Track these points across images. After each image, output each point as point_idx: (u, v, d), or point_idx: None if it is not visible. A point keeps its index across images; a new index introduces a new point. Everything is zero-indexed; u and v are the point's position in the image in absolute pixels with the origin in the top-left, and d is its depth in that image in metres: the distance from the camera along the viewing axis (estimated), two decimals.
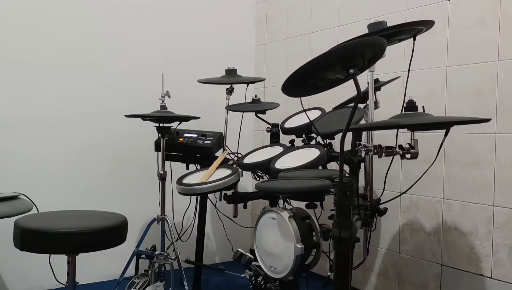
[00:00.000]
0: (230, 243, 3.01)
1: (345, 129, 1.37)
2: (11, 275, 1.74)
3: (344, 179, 1.35)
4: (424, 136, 2.04)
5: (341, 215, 1.36)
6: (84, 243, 1.56)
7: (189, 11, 3.09)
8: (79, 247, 1.59)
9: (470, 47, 2.11)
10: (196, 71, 2.86)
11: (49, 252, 1.63)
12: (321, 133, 2.18)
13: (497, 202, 2.01)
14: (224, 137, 2.64)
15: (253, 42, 3.43)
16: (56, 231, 1.51)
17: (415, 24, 1.74)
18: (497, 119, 2.00)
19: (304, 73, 1.48)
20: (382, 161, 1.82)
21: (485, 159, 2.05)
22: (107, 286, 2.49)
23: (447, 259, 2.19)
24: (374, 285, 2.53)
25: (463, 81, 2.13)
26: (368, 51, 1.45)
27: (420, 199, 2.30)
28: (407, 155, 1.68)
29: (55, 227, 1.55)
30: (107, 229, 1.59)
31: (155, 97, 2.47)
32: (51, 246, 1.55)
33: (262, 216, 1.91)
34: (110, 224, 1.61)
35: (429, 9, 2.26)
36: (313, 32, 2.94)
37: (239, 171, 2.23)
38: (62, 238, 1.52)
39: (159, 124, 2.44)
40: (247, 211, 2.71)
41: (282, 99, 2.37)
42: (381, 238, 2.49)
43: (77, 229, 1.55)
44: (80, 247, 1.58)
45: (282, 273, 1.79)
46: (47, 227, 1.55)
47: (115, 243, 1.64)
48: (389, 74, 2.20)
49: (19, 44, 2.53)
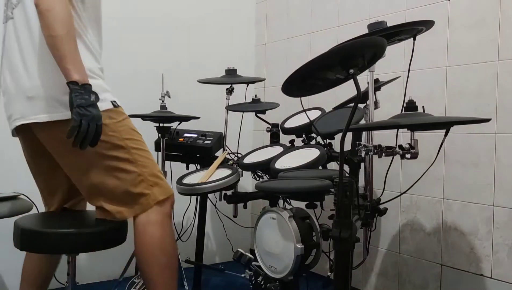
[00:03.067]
0: (230, 243, 3.01)
1: (345, 129, 1.37)
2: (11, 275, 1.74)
3: (344, 179, 1.35)
4: (424, 136, 2.04)
5: (341, 215, 1.36)
6: (84, 243, 1.56)
7: (189, 11, 3.09)
8: (79, 247, 1.59)
9: (470, 47, 2.11)
10: (196, 71, 2.86)
11: (49, 252, 1.62)
12: (321, 133, 2.18)
13: (497, 202, 2.01)
14: (224, 137, 2.64)
15: (253, 42, 3.43)
16: (56, 231, 1.51)
17: (415, 24, 1.74)
18: (497, 119, 2.00)
19: (304, 73, 1.48)
20: (382, 161, 1.82)
21: (485, 159, 2.05)
22: (107, 286, 2.49)
23: (447, 259, 2.19)
24: (374, 285, 2.53)
25: (463, 81, 2.13)
26: (368, 51, 1.46)
27: (420, 199, 2.30)
28: (407, 155, 1.69)
29: (55, 227, 1.55)
30: (107, 229, 1.59)
31: (155, 97, 2.47)
32: (51, 246, 1.55)
33: (262, 216, 1.91)
34: (110, 224, 1.61)
35: (429, 9, 2.27)
36: (313, 32, 2.94)
37: (239, 171, 2.23)
38: (62, 238, 1.52)
39: (159, 124, 2.45)
40: (247, 211, 2.71)
41: (282, 99, 2.37)
42: (381, 238, 2.49)
43: (77, 229, 1.55)
44: (80, 247, 1.58)
45: (282, 273, 1.79)
46: (47, 227, 1.55)
47: (115, 243, 1.64)
48: (389, 74, 2.20)
49: None
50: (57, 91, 1.49)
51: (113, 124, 1.56)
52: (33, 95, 1.52)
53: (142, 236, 1.62)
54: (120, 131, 1.57)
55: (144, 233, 1.62)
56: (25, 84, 1.54)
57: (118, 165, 1.57)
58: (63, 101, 1.47)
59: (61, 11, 1.43)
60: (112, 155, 1.56)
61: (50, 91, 1.51)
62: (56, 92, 1.49)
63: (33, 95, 1.52)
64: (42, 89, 1.51)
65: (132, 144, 1.60)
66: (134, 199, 1.61)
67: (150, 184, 1.62)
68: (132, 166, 1.59)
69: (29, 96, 1.52)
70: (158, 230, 1.62)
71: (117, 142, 1.57)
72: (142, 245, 1.63)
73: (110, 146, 1.55)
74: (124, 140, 1.58)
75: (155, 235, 1.62)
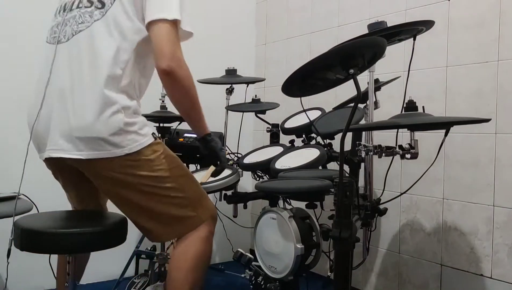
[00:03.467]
0: (230, 243, 3.00)
1: (345, 129, 1.37)
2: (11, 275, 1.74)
3: (344, 179, 1.35)
4: (424, 136, 2.04)
5: (341, 215, 1.36)
6: (84, 243, 1.55)
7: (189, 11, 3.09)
8: (79, 247, 1.58)
9: (470, 47, 2.11)
10: (196, 71, 2.84)
11: (49, 252, 1.62)
12: (321, 133, 2.18)
13: (497, 202, 2.01)
14: (224, 137, 2.63)
15: (253, 42, 3.43)
16: (56, 231, 1.51)
17: (415, 24, 1.74)
18: (497, 119, 2.00)
19: (304, 73, 1.48)
20: (382, 161, 1.82)
21: (485, 159, 2.05)
22: (107, 286, 2.49)
23: (447, 259, 2.19)
24: (374, 285, 2.53)
25: (463, 81, 2.13)
26: (368, 51, 1.46)
27: (420, 199, 2.30)
28: (407, 155, 1.69)
29: (55, 227, 1.55)
30: (107, 229, 1.59)
31: (155, 97, 2.47)
32: (51, 246, 1.55)
33: (262, 216, 1.91)
34: (110, 224, 1.61)
35: (429, 9, 2.27)
36: (313, 32, 2.94)
37: (239, 171, 2.23)
38: (62, 238, 1.51)
39: (159, 124, 2.44)
40: (247, 211, 2.71)
41: (282, 99, 2.37)
42: (381, 238, 2.49)
43: (77, 229, 1.55)
44: (80, 247, 1.58)
45: (282, 273, 1.79)
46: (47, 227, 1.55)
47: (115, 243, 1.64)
48: (389, 74, 2.20)
49: (23, 45, 2.53)
50: (105, 133, 1.48)
51: (157, 158, 1.58)
52: (79, 136, 1.49)
53: (186, 248, 1.65)
54: (164, 162, 1.60)
55: (190, 246, 1.65)
56: (71, 122, 1.50)
57: (167, 193, 1.61)
58: (109, 141, 1.48)
59: (191, 76, 1.57)
60: (161, 186, 1.59)
61: (98, 133, 1.48)
62: (104, 134, 1.48)
63: (79, 135, 1.49)
64: (89, 131, 1.48)
65: (177, 172, 1.63)
66: (181, 222, 1.65)
67: (195, 206, 1.66)
68: (180, 192, 1.63)
69: (76, 136, 1.50)
70: (202, 245, 1.66)
71: (164, 174, 1.59)
72: (184, 255, 1.65)
73: (159, 179, 1.59)
74: (169, 170, 1.60)
75: (199, 249, 1.65)
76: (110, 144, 1.48)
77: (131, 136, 1.51)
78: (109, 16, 1.52)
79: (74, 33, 1.55)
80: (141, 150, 1.52)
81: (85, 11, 1.56)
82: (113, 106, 1.48)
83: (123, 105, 1.50)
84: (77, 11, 1.58)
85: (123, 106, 1.49)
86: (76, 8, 1.59)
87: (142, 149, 1.53)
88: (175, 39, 1.51)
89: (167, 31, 1.50)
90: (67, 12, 1.60)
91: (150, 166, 1.54)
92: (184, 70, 1.54)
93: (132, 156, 1.51)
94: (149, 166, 1.55)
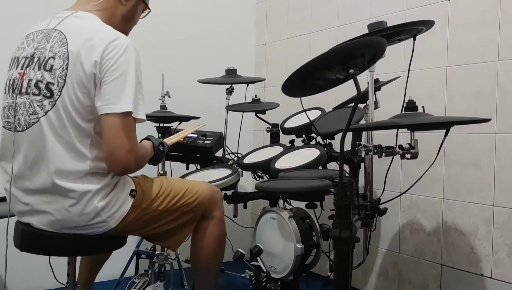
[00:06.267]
0: (230, 243, 2.99)
1: (345, 129, 1.37)
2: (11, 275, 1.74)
3: (344, 179, 1.35)
4: (424, 136, 2.03)
5: (341, 215, 1.36)
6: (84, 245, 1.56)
7: (189, 11, 3.09)
8: (79, 249, 1.59)
9: (470, 47, 2.11)
10: (196, 71, 2.85)
11: (49, 253, 1.62)
12: (321, 133, 2.18)
13: (497, 202, 2.01)
14: (224, 137, 2.63)
15: (253, 42, 3.43)
16: (56, 233, 1.51)
17: (415, 24, 1.74)
18: (497, 119, 2.00)
19: (304, 73, 1.48)
20: (382, 161, 1.82)
21: (485, 159, 2.05)
22: (107, 286, 2.48)
23: (447, 259, 2.19)
24: (374, 285, 2.53)
25: (463, 81, 2.13)
26: (368, 51, 1.46)
27: (420, 199, 2.30)
28: (407, 155, 1.69)
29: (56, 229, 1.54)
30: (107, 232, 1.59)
31: (155, 97, 2.47)
32: (51, 248, 1.55)
33: (262, 216, 1.91)
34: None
35: (429, 9, 2.26)
36: (313, 32, 2.94)
37: (239, 171, 2.23)
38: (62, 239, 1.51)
39: (159, 124, 2.44)
40: (247, 211, 2.71)
41: (282, 99, 2.37)
42: (381, 238, 2.49)
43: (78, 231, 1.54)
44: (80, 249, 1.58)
45: (282, 273, 1.79)
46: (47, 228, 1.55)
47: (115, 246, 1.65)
48: (389, 74, 2.20)
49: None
50: (84, 223, 1.52)
51: (144, 209, 1.64)
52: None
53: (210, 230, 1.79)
54: (150, 204, 1.67)
55: (212, 227, 1.79)
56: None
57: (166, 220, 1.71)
58: (92, 225, 1.53)
59: (145, 159, 1.71)
60: (160, 221, 1.70)
61: (76, 224, 1.52)
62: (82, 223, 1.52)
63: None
64: (70, 223, 1.52)
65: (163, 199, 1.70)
66: (186, 225, 1.75)
67: (192, 208, 1.74)
68: (174, 212, 1.71)
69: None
70: (216, 229, 1.80)
71: (158, 208, 1.68)
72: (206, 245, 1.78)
73: (155, 217, 1.67)
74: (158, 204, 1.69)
75: (216, 233, 1.80)
76: (95, 225, 1.53)
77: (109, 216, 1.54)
78: (59, 106, 1.43)
79: (27, 125, 1.47)
80: (125, 218, 1.56)
81: (34, 99, 1.46)
82: (86, 195, 1.48)
83: (94, 190, 1.48)
84: (26, 98, 1.47)
85: (94, 192, 1.48)
86: (25, 93, 1.48)
87: (125, 217, 1.57)
88: (129, 130, 1.46)
89: (120, 123, 1.43)
90: (16, 95, 1.49)
91: (142, 217, 1.63)
92: (140, 163, 1.59)
93: (121, 224, 1.56)
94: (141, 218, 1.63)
